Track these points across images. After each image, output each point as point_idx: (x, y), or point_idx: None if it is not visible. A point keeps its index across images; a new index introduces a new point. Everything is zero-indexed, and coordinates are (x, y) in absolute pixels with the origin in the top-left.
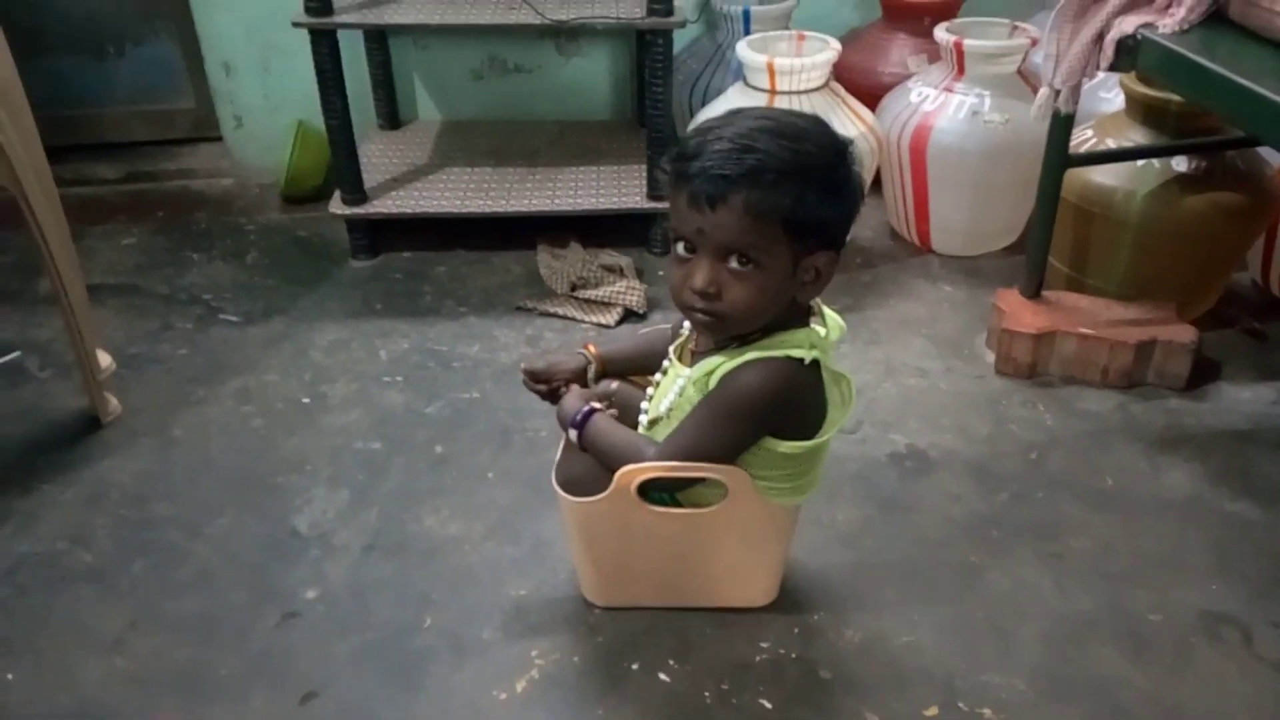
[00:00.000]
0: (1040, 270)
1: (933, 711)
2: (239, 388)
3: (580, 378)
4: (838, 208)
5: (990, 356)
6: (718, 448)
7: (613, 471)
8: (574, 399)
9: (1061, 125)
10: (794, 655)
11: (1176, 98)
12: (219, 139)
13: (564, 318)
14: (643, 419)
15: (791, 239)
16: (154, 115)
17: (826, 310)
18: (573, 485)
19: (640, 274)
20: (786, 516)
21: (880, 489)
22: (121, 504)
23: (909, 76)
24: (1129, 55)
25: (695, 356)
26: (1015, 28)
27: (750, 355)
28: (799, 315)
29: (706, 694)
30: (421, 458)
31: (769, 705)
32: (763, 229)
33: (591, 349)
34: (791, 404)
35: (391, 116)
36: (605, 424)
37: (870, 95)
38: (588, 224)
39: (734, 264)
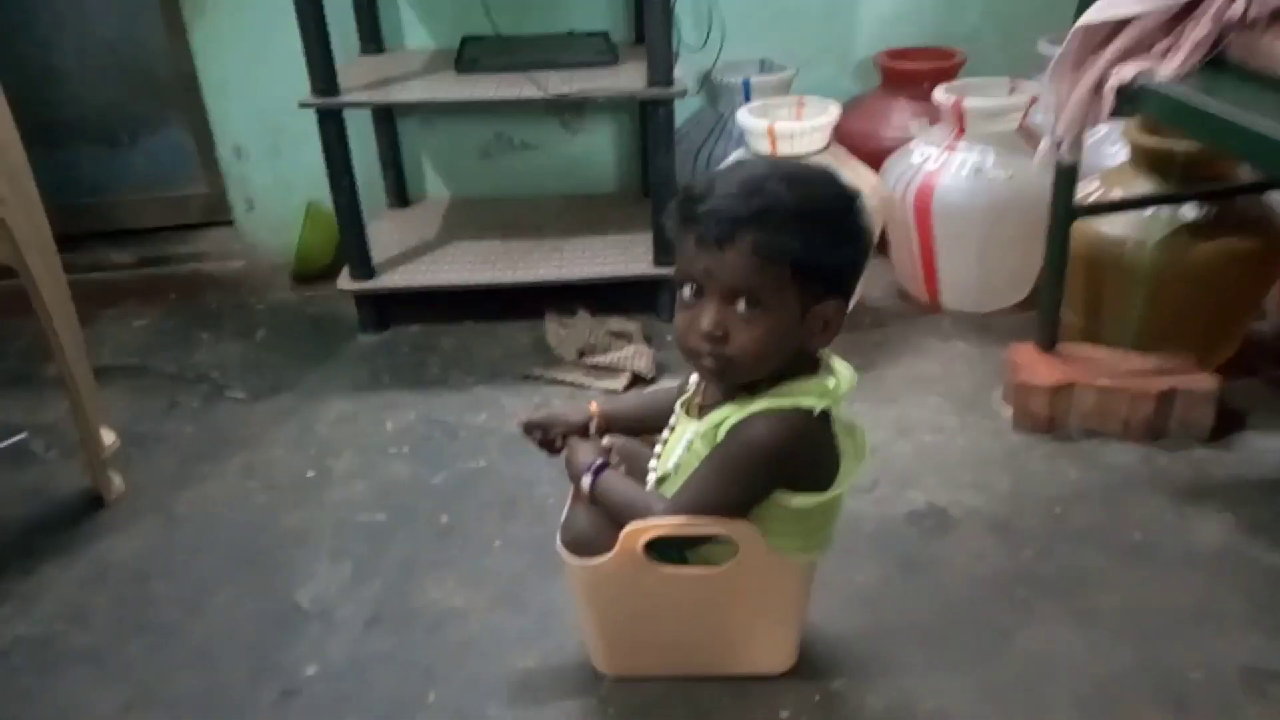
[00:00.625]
0: (1054, 323)
1: None
2: (243, 463)
3: (582, 432)
4: (847, 254)
5: (1007, 412)
6: (727, 502)
7: (621, 528)
8: (587, 450)
9: (1066, 177)
10: None
11: (1182, 146)
12: (230, 223)
13: (572, 384)
14: (651, 477)
15: (800, 284)
16: (167, 201)
17: (836, 361)
18: (579, 545)
19: (649, 339)
20: (801, 574)
21: (899, 548)
22: (121, 583)
23: (910, 140)
24: (1130, 102)
25: (703, 410)
26: (1014, 86)
27: (759, 406)
28: (808, 365)
29: None
30: (426, 528)
31: None
32: (771, 271)
33: (594, 406)
34: (802, 456)
35: (400, 195)
36: (617, 478)
37: (873, 160)
38: (595, 292)
39: (741, 307)
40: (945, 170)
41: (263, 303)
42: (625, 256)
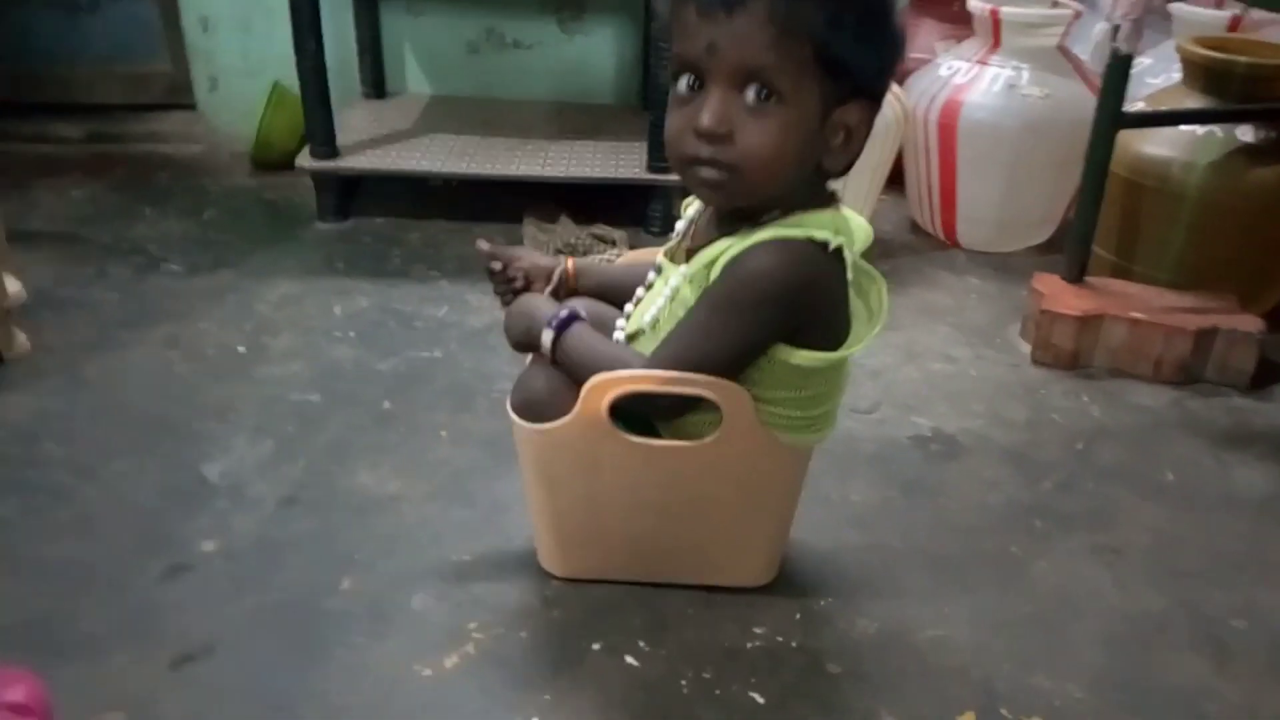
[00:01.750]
0: (1085, 250)
1: (968, 717)
2: (168, 334)
3: (545, 280)
4: (877, 47)
5: (1025, 347)
6: (718, 349)
7: None
8: (548, 301)
9: (1118, 72)
10: (794, 644)
11: (1243, 58)
12: (192, 106)
13: None
14: (619, 334)
15: (822, 73)
16: (125, 77)
17: (849, 212)
18: (532, 408)
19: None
20: (794, 464)
21: (902, 471)
22: (5, 440)
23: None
24: None
25: (692, 254)
26: (1056, 3)
27: (763, 236)
28: (822, 196)
29: (683, 682)
30: (365, 413)
31: (761, 699)
32: (789, 49)
33: (570, 262)
34: (812, 298)
35: (377, 86)
36: (588, 332)
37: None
38: (580, 198)
39: (751, 96)
40: (975, 85)
41: (217, 185)
42: (615, 161)
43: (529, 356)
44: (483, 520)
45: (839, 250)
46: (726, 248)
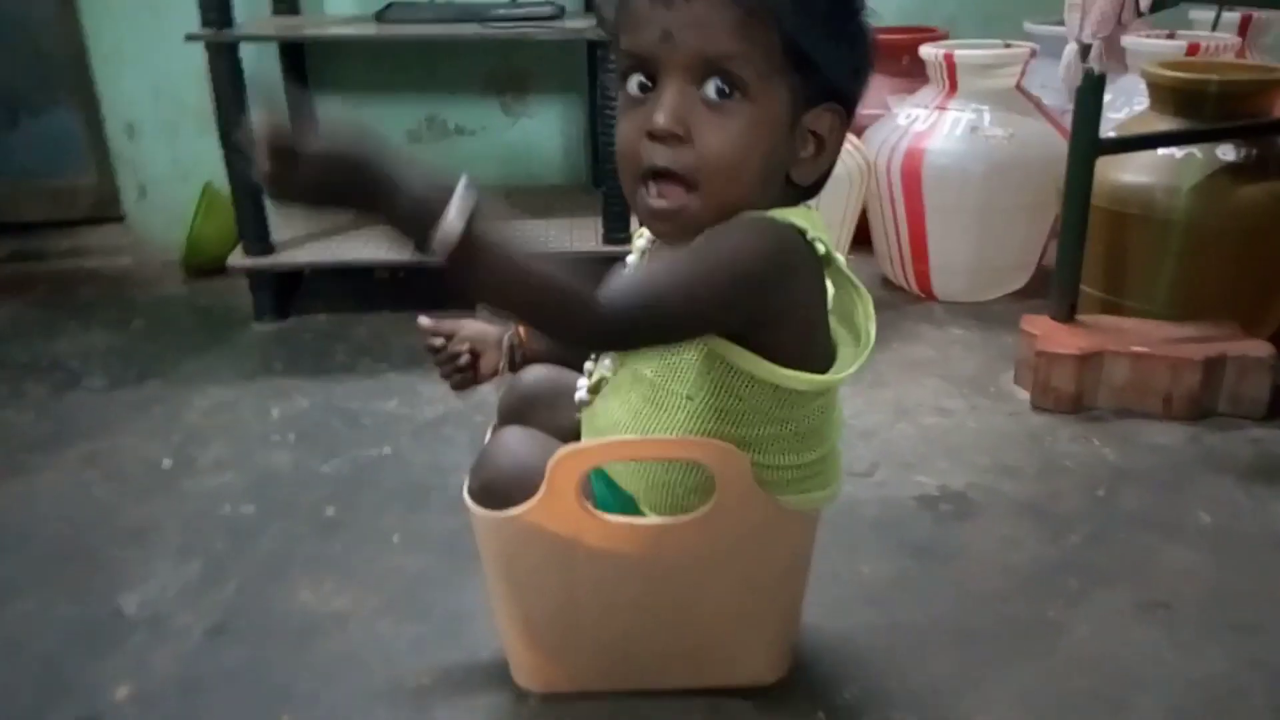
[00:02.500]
0: (1073, 287)
1: None
2: (85, 453)
3: (495, 349)
4: (848, 42)
5: (1023, 393)
6: (703, 289)
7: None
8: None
9: (1091, 95)
10: None
11: (1216, 77)
12: (120, 219)
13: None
14: (581, 390)
15: (790, 68)
16: (49, 192)
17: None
18: (493, 493)
19: None
20: (800, 532)
21: (912, 536)
22: None
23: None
24: None
25: None
26: (1009, 45)
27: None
28: (790, 200)
29: None
30: (306, 521)
31: None
32: (754, 36)
33: (522, 330)
34: (792, 274)
35: None
36: (511, 233)
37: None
38: None
39: (711, 91)
40: (936, 131)
41: (147, 295)
42: (570, 236)
43: (488, 433)
44: (443, 633)
45: (815, 249)
46: None
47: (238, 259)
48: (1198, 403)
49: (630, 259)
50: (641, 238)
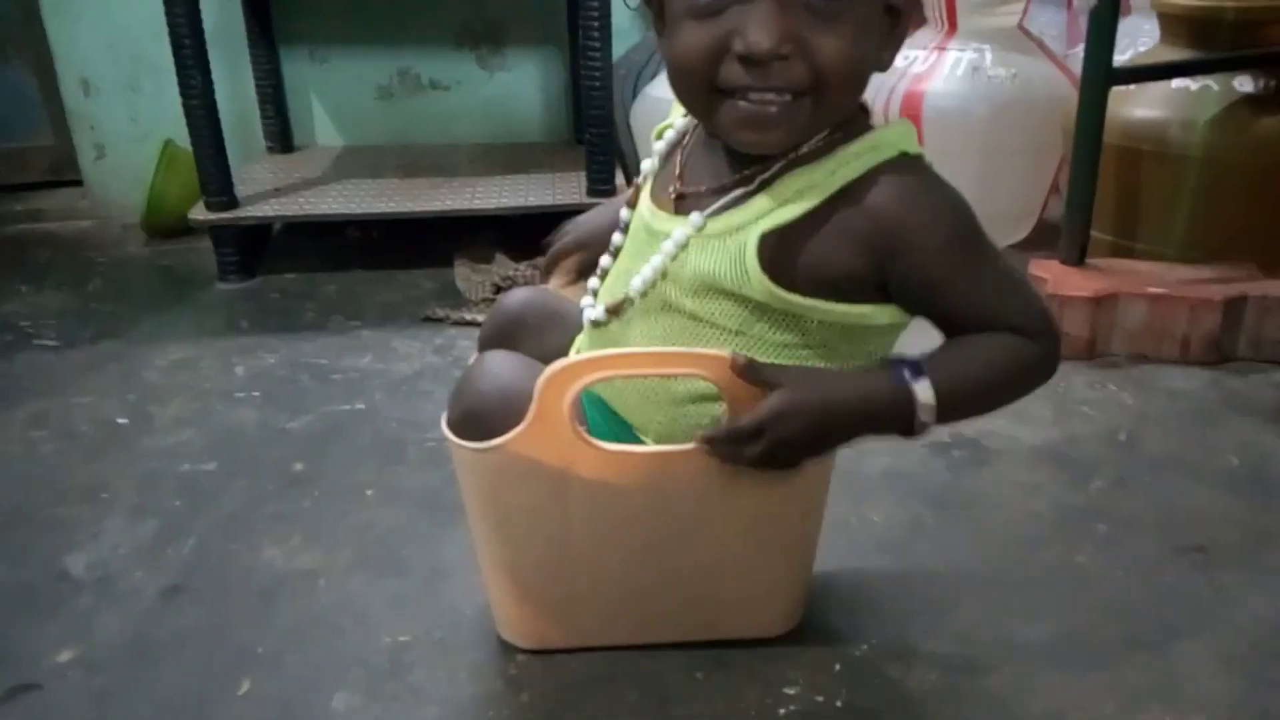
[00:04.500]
0: (1084, 227)
1: None
2: (35, 412)
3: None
4: None
5: None
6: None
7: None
8: (899, 392)
9: (1104, 21)
10: (839, 703)
11: (1232, 4)
12: (79, 182)
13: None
14: (594, 309)
15: None
16: (3, 155)
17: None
18: (477, 421)
19: None
20: (815, 475)
21: (925, 484)
22: None
23: None
24: None
25: (682, 201)
26: None
27: (852, 166)
28: (857, 122)
29: None
30: (271, 478)
31: None
32: None
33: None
34: None
35: (283, 139)
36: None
37: None
38: (516, 233)
39: None
40: (936, 72)
41: (105, 257)
42: (553, 190)
43: (471, 359)
44: (421, 590)
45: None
46: (769, 210)
47: (199, 214)
48: (1217, 346)
49: (657, 146)
50: (671, 129)
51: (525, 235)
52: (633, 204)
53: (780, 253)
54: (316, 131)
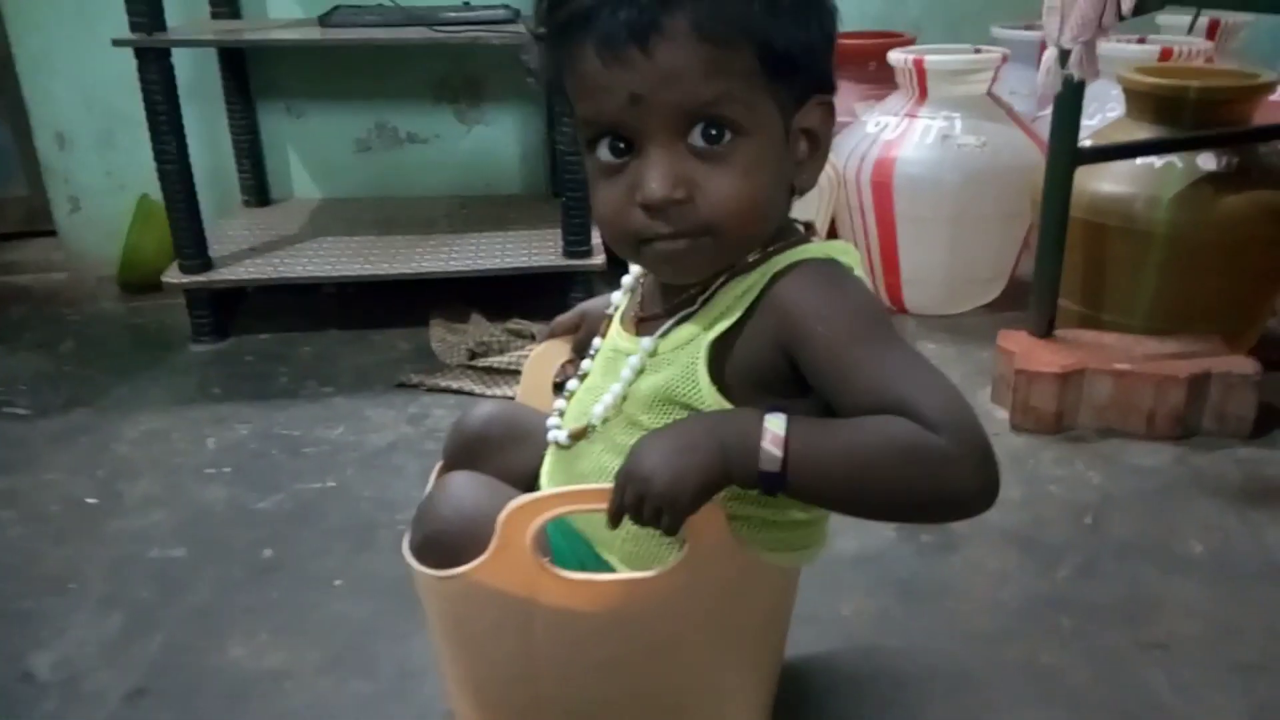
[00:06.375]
0: (1052, 300)
1: None
2: (4, 490)
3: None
4: (816, 19)
5: (1001, 412)
6: (917, 361)
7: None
8: (750, 416)
9: (1070, 103)
10: None
11: (1195, 83)
12: (53, 233)
13: (458, 392)
14: (558, 432)
15: (771, 80)
16: None
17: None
18: (440, 547)
19: None
20: (780, 585)
21: (894, 571)
22: None
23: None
24: None
25: (643, 323)
26: (979, 50)
27: (783, 263)
28: (791, 225)
29: None
30: (240, 565)
31: None
32: (731, 66)
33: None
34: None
35: (260, 193)
36: (813, 424)
37: None
38: (492, 294)
39: (699, 139)
40: (907, 139)
41: (79, 314)
42: (529, 250)
43: (432, 478)
44: (389, 693)
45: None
46: (713, 321)
47: (172, 276)
48: (1182, 421)
49: (625, 280)
50: (629, 275)
51: (502, 295)
52: (603, 334)
53: (721, 360)
54: (294, 183)
